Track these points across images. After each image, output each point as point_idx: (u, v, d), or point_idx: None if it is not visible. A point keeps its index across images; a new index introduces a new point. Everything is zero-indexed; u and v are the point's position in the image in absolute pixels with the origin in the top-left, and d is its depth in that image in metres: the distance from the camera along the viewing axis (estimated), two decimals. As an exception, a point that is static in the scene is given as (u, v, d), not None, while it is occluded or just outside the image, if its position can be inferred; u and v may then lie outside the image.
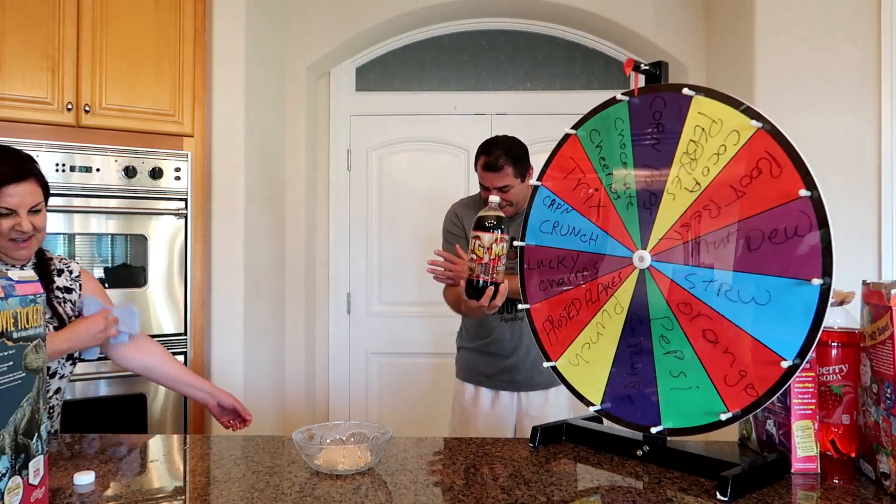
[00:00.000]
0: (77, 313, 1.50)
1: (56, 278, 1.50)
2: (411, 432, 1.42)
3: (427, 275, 1.89)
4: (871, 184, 2.34)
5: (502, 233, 1.47)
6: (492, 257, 1.47)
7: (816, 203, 0.94)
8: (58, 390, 1.47)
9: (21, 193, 1.35)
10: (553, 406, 1.99)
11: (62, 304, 1.48)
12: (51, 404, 1.46)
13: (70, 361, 1.48)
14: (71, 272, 1.54)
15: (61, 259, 1.57)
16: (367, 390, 3.27)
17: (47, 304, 1.43)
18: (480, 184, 1.95)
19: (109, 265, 2.35)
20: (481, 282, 1.49)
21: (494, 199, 1.51)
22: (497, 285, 1.50)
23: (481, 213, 1.51)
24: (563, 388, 1.96)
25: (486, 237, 1.46)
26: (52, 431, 1.47)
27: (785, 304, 0.96)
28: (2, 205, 1.32)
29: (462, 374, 2.09)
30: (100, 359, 1.58)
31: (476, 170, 1.96)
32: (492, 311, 1.57)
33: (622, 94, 1.19)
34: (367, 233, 3.28)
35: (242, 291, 2.52)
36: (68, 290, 1.51)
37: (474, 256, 1.49)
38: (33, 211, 1.37)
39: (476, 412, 2.02)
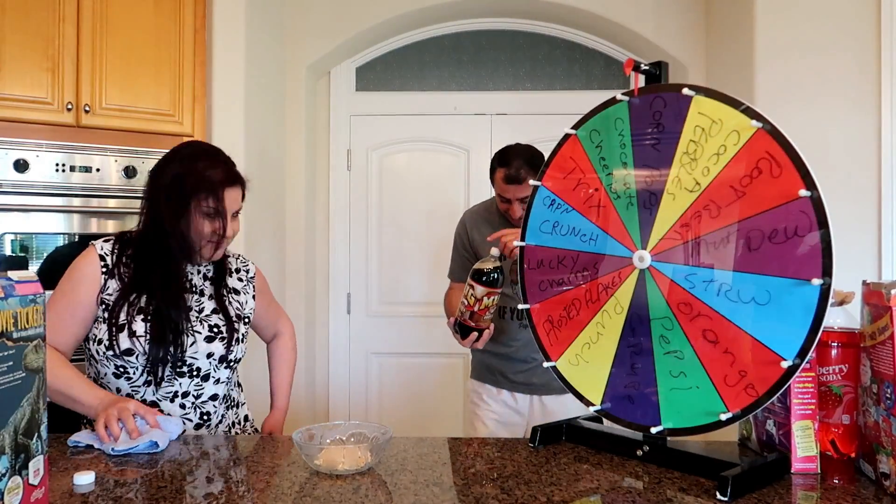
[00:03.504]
0: (244, 315, 1.48)
1: (228, 277, 1.50)
2: (411, 432, 1.42)
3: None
4: (871, 184, 2.34)
5: (495, 287, 1.57)
6: (480, 308, 1.59)
7: (816, 203, 0.94)
8: (214, 396, 1.42)
9: (233, 198, 1.40)
10: (569, 407, 1.90)
11: (230, 304, 1.47)
12: (206, 410, 1.41)
13: (224, 364, 1.42)
14: (247, 272, 1.56)
15: (239, 258, 1.58)
16: (367, 390, 3.27)
17: (217, 302, 1.44)
18: (499, 195, 1.91)
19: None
20: (467, 325, 1.63)
21: (495, 250, 1.58)
22: (481, 332, 1.64)
23: (479, 266, 1.59)
24: None
25: (479, 290, 1.56)
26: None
27: (785, 305, 0.96)
28: (221, 206, 1.36)
29: (477, 374, 2.07)
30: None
31: (492, 180, 1.91)
32: (474, 349, 1.74)
33: (622, 94, 1.19)
34: (367, 233, 3.28)
35: (242, 291, 2.52)
36: (236, 290, 1.51)
37: (465, 302, 1.61)
38: (235, 215, 1.42)
39: (489, 410, 2.00)
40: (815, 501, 0.98)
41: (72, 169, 2.24)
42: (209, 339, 1.39)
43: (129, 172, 2.31)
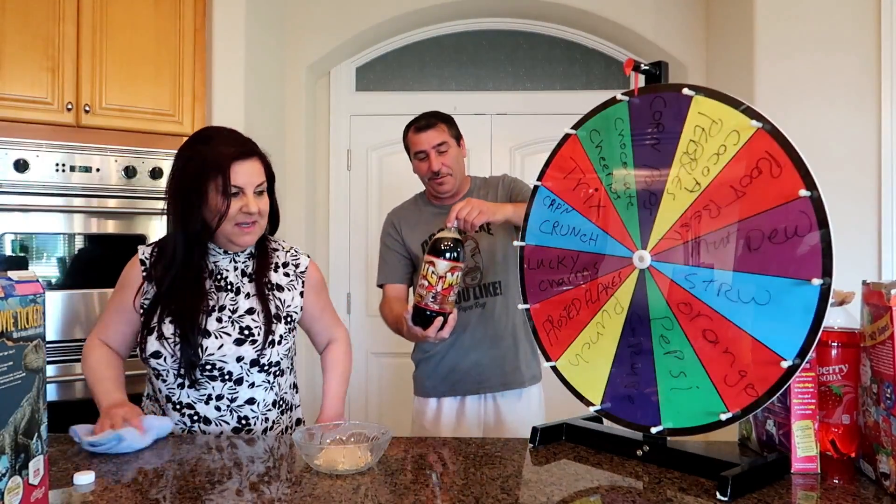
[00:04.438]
0: (284, 314, 1.41)
1: (273, 273, 1.43)
2: (411, 432, 1.42)
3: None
4: (871, 184, 2.34)
5: (458, 260, 1.39)
6: (444, 286, 1.39)
7: (816, 203, 0.94)
8: (251, 400, 1.39)
9: (247, 171, 1.32)
10: (526, 410, 1.82)
11: (273, 300, 1.40)
12: (243, 414, 1.37)
13: (258, 368, 1.37)
14: (297, 266, 1.47)
15: (290, 250, 1.50)
16: (367, 390, 3.27)
17: (259, 298, 1.38)
18: (416, 156, 1.81)
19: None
20: (430, 311, 1.42)
21: (453, 224, 1.44)
22: (446, 316, 1.43)
23: (438, 235, 1.42)
24: (536, 388, 1.86)
25: (442, 265, 1.38)
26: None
27: (785, 304, 0.96)
28: (231, 183, 1.29)
29: (421, 389, 1.91)
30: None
31: (408, 151, 1.85)
32: (437, 341, 1.49)
33: (622, 94, 1.19)
34: (367, 233, 3.28)
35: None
36: (279, 287, 1.42)
37: (426, 283, 1.40)
38: (258, 192, 1.36)
39: (437, 430, 1.84)
40: (815, 501, 0.98)
41: (72, 169, 2.24)
42: (238, 342, 1.34)
43: (129, 172, 2.31)
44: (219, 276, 1.39)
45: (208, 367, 1.33)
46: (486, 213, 1.55)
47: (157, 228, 2.37)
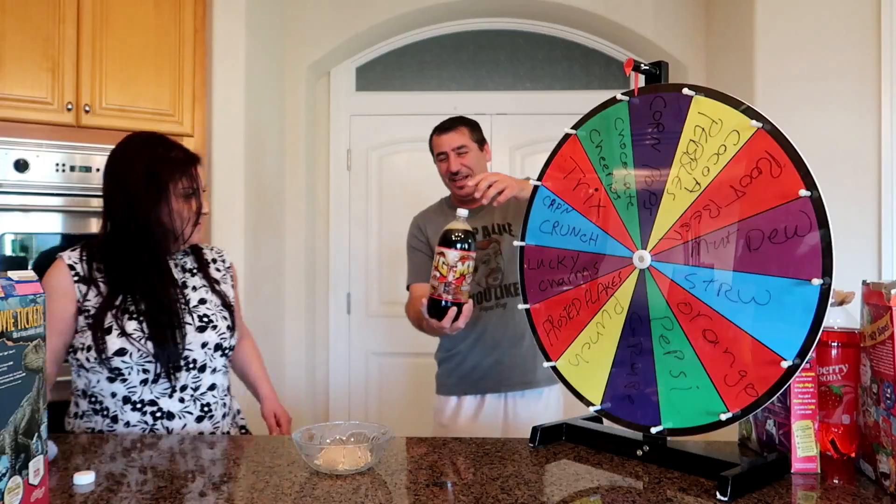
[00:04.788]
0: (229, 303, 1.49)
1: (207, 268, 1.51)
2: (411, 432, 1.42)
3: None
4: (871, 184, 2.34)
5: (469, 249, 1.39)
6: (456, 276, 1.39)
7: (816, 203, 0.94)
8: (213, 386, 1.43)
9: (201, 174, 1.43)
10: (544, 410, 1.86)
11: (218, 290, 1.49)
12: (206, 401, 1.41)
13: (220, 353, 1.43)
14: (224, 262, 1.57)
15: (214, 248, 1.59)
16: (367, 390, 3.27)
17: (210, 288, 1.46)
18: (437, 157, 1.87)
19: (109, 265, 2.35)
20: (444, 302, 1.42)
21: (463, 211, 1.43)
22: (460, 306, 1.43)
23: (448, 227, 1.41)
24: (555, 389, 1.91)
25: (452, 254, 1.38)
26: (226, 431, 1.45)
27: (785, 304, 0.96)
28: (196, 183, 1.39)
29: (442, 388, 1.94)
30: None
31: (432, 154, 1.90)
32: (453, 332, 1.50)
33: (622, 93, 1.19)
34: (366, 233, 3.28)
35: (243, 292, 2.51)
36: (216, 280, 1.51)
37: (437, 274, 1.41)
38: (204, 192, 1.44)
39: (456, 428, 1.87)
40: (815, 501, 0.98)
41: (72, 169, 2.24)
42: (201, 329, 1.39)
43: (129, 172, 2.31)
44: (170, 270, 1.43)
45: (184, 356, 1.37)
46: (512, 187, 1.54)
47: (157, 228, 2.37)
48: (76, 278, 1.35)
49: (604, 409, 1.20)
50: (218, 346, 1.41)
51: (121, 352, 1.32)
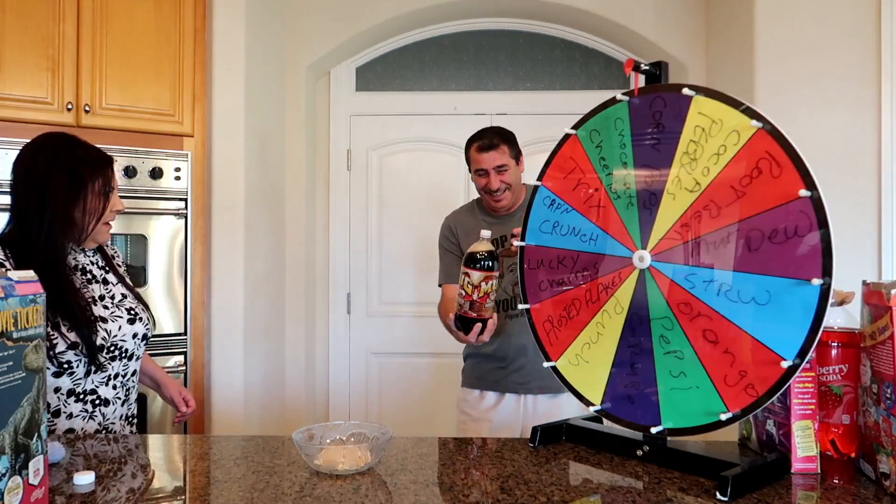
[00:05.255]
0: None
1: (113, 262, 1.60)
2: (411, 432, 1.42)
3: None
4: (871, 184, 2.34)
5: (492, 269, 1.48)
6: (480, 295, 1.49)
7: (816, 203, 0.94)
8: (135, 372, 1.53)
9: (115, 174, 1.51)
10: (562, 410, 1.88)
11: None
12: (129, 387, 1.51)
13: (145, 342, 1.52)
14: (119, 257, 1.65)
15: (109, 245, 1.64)
16: (367, 390, 3.27)
17: (123, 284, 1.54)
18: (476, 172, 1.90)
19: (109, 265, 2.35)
20: (469, 318, 1.54)
21: (486, 232, 1.52)
22: (485, 321, 1.54)
23: (472, 249, 1.51)
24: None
25: (476, 275, 1.48)
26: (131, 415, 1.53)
27: (785, 304, 0.96)
28: (112, 183, 1.47)
29: (468, 381, 2.04)
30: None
31: (468, 161, 1.93)
32: (479, 344, 1.64)
33: (622, 94, 1.19)
34: (367, 233, 3.28)
35: (242, 291, 2.52)
36: (121, 275, 1.59)
37: (463, 293, 1.52)
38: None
39: (479, 417, 1.96)
40: (815, 501, 0.98)
41: (72, 169, 2.24)
42: (130, 322, 1.49)
43: (130, 172, 2.31)
44: (84, 271, 1.48)
45: (112, 348, 1.44)
46: None
47: (157, 228, 2.38)
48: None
49: (604, 409, 1.20)
50: (144, 336, 1.53)
51: (74, 345, 1.37)
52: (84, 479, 1.02)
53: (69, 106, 2.24)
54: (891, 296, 0.94)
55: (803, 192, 0.94)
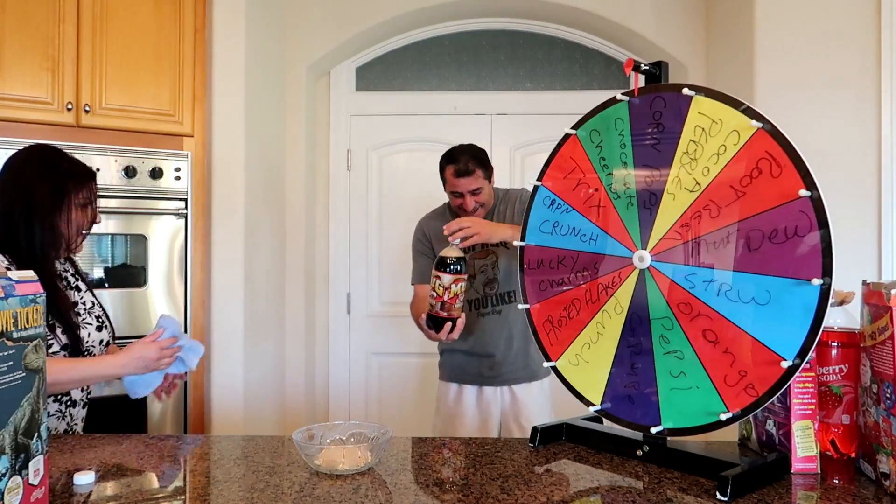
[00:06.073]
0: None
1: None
2: (411, 432, 1.42)
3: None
4: (871, 184, 2.34)
5: (461, 272, 1.62)
6: (450, 296, 1.63)
7: (816, 203, 0.94)
8: None
9: (97, 188, 1.53)
10: (537, 399, 2.01)
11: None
12: (89, 390, 1.54)
13: (107, 347, 1.54)
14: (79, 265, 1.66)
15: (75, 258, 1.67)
16: (367, 390, 3.27)
17: (90, 292, 1.58)
18: (451, 192, 2.00)
19: (109, 265, 2.35)
20: (439, 317, 1.66)
21: (456, 240, 1.66)
22: (454, 321, 1.66)
23: (442, 254, 1.65)
24: (546, 381, 2.07)
25: (446, 278, 1.61)
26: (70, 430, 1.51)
27: (785, 304, 0.96)
28: (94, 195, 1.51)
29: (446, 375, 2.11)
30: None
31: (443, 179, 2.01)
32: (449, 341, 1.75)
33: (622, 93, 1.19)
34: (366, 233, 3.28)
35: (242, 291, 2.52)
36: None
37: (434, 294, 1.64)
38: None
39: (460, 411, 2.04)
40: (815, 501, 0.98)
41: (72, 169, 2.23)
42: (98, 329, 1.53)
43: (130, 172, 2.31)
44: (61, 278, 1.51)
45: (86, 353, 1.48)
46: (482, 235, 1.75)
47: (157, 228, 2.37)
48: None
49: (604, 409, 1.20)
50: (107, 343, 1.56)
51: (65, 347, 1.42)
52: (84, 479, 1.02)
53: (69, 106, 2.24)
54: (891, 296, 0.94)
55: (803, 192, 0.94)
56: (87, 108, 2.26)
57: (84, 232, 1.50)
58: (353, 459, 1.07)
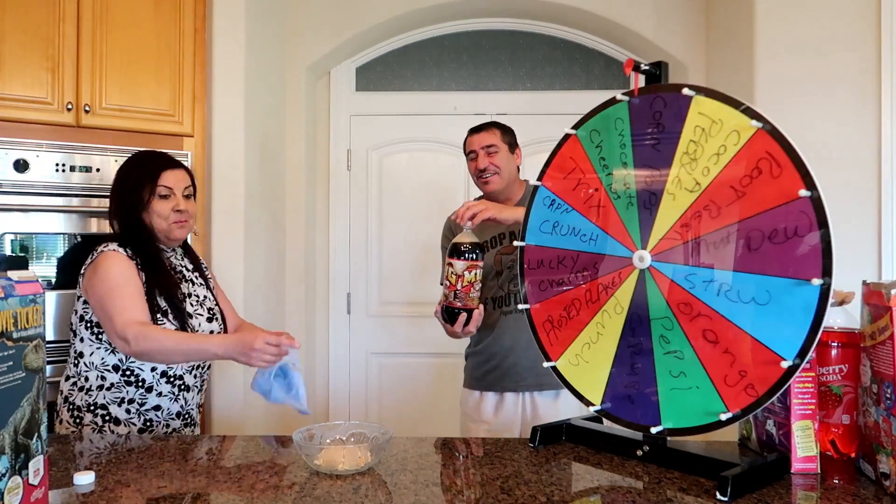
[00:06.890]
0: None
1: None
2: (411, 432, 1.42)
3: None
4: (871, 184, 2.34)
5: (476, 259, 1.50)
6: (464, 285, 1.51)
7: (816, 203, 0.94)
8: (209, 366, 1.65)
9: (177, 178, 1.61)
10: (563, 407, 1.88)
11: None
12: (203, 377, 1.64)
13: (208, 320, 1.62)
14: (207, 268, 1.78)
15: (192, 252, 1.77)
16: (367, 390, 3.27)
17: (206, 286, 1.69)
18: (468, 156, 1.94)
19: (109, 265, 2.34)
20: (454, 308, 1.54)
21: (468, 224, 1.55)
22: (470, 311, 1.54)
23: (455, 239, 1.54)
24: (565, 392, 1.96)
25: (459, 264, 1.49)
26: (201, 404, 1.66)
27: (785, 305, 0.96)
28: (167, 184, 1.58)
29: (468, 381, 2.04)
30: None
31: (466, 156, 1.96)
32: (465, 336, 1.63)
33: (622, 94, 1.19)
34: (366, 233, 3.28)
35: (242, 291, 2.52)
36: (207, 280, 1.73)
37: (447, 283, 1.53)
38: (187, 196, 1.62)
39: (479, 419, 1.96)
40: (815, 501, 0.98)
41: (72, 169, 2.24)
42: (209, 320, 1.62)
43: (129, 172, 2.31)
44: (175, 271, 1.62)
45: None
46: (490, 210, 1.65)
47: (157, 228, 2.37)
48: (138, 267, 1.54)
49: (604, 409, 1.20)
50: (218, 335, 1.62)
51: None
52: (84, 479, 1.02)
53: (69, 106, 2.24)
54: (891, 296, 0.94)
55: (803, 192, 0.94)
56: (87, 108, 2.26)
57: (174, 221, 1.57)
58: (353, 459, 1.07)
